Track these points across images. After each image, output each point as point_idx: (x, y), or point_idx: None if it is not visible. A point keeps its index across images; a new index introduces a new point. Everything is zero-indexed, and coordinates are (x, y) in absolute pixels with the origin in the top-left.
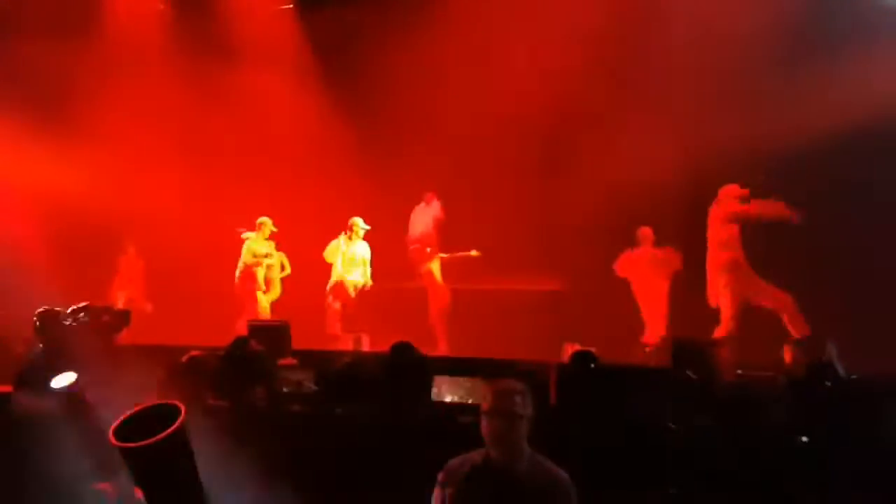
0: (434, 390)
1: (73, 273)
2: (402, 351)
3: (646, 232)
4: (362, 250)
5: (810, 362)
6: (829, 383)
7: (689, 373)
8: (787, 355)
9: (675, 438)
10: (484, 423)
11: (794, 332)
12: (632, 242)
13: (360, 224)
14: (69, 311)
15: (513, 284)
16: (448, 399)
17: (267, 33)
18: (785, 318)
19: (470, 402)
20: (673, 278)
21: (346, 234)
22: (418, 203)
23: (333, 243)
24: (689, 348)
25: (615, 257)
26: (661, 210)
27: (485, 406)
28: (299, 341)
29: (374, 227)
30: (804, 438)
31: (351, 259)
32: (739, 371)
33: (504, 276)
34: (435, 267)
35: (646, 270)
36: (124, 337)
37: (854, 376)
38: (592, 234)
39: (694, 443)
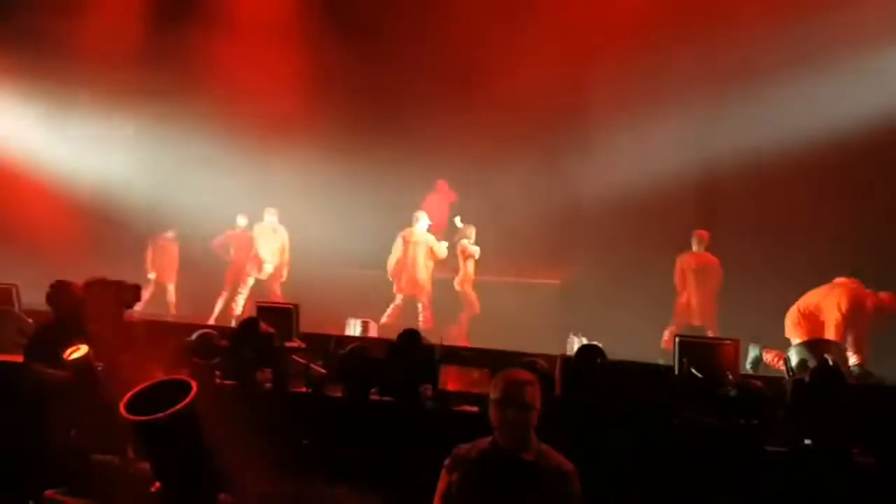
0: (440, 378)
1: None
2: (410, 339)
3: (699, 234)
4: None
5: (816, 365)
6: (833, 386)
7: (693, 371)
8: (794, 357)
9: (680, 433)
10: (493, 412)
11: (858, 357)
12: (639, 235)
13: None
14: (82, 283)
15: (520, 277)
16: (454, 388)
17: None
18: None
19: (475, 391)
20: (717, 288)
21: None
22: (427, 192)
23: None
24: (694, 348)
25: (623, 250)
26: (671, 203)
27: (495, 395)
28: (307, 325)
29: (383, 215)
30: (807, 441)
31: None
32: (747, 372)
33: (511, 268)
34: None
35: (691, 276)
36: (137, 312)
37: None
38: (600, 227)
39: (698, 438)
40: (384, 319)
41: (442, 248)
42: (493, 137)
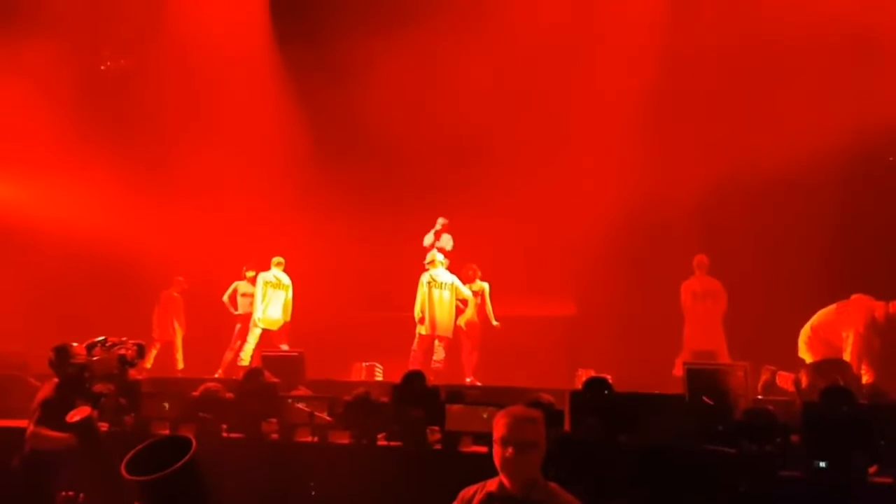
0: (447, 419)
1: (116, 307)
2: (415, 381)
3: (700, 259)
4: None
5: (826, 387)
6: (845, 408)
7: (705, 399)
8: (804, 379)
9: (691, 464)
10: (496, 452)
11: (870, 376)
12: (647, 266)
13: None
14: (85, 345)
15: (527, 310)
16: (461, 428)
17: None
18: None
19: (484, 431)
20: (724, 312)
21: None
22: (427, 227)
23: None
24: (703, 374)
25: (631, 281)
26: (676, 230)
27: (497, 434)
28: (314, 371)
29: (382, 254)
30: (822, 464)
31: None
32: (759, 396)
33: (518, 302)
34: (487, 289)
35: (697, 301)
36: (144, 370)
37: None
38: (607, 259)
39: (710, 468)
40: (434, 365)
41: (468, 291)
42: (497, 166)
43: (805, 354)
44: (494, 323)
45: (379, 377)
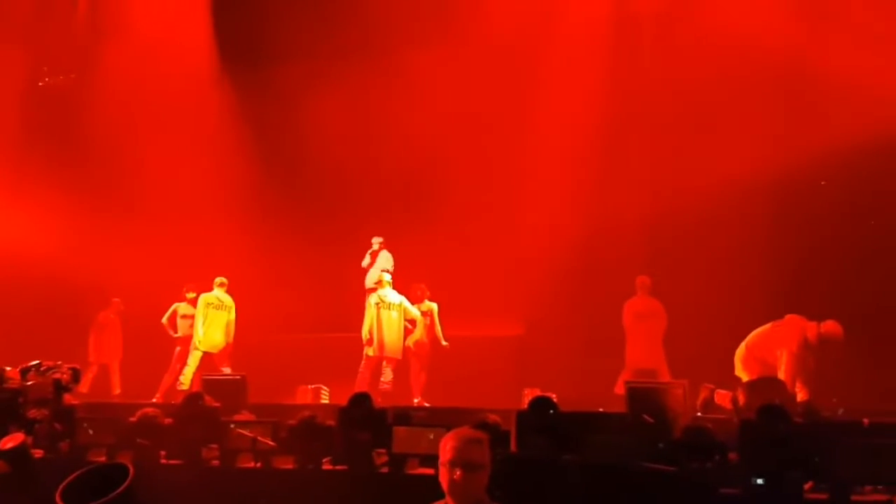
0: (394, 441)
1: (51, 329)
2: (361, 403)
3: (642, 280)
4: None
5: (762, 405)
6: (781, 425)
7: (645, 417)
8: (741, 398)
9: (634, 482)
10: (442, 474)
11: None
12: (592, 287)
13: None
14: (19, 369)
15: (475, 330)
16: (408, 450)
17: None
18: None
19: (431, 453)
20: (664, 331)
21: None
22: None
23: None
24: (644, 393)
25: (576, 301)
26: (621, 254)
27: (442, 456)
28: (257, 395)
29: (327, 275)
30: (759, 480)
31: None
32: (698, 414)
33: (466, 322)
34: (436, 309)
35: (638, 321)
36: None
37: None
38: (554, 279)
39: (652, 485)
40: (382, 387)
41: (416, 311)
42: (440, 188)
43: (741, 373)
44: (443, 343)
45: (325, 400)
